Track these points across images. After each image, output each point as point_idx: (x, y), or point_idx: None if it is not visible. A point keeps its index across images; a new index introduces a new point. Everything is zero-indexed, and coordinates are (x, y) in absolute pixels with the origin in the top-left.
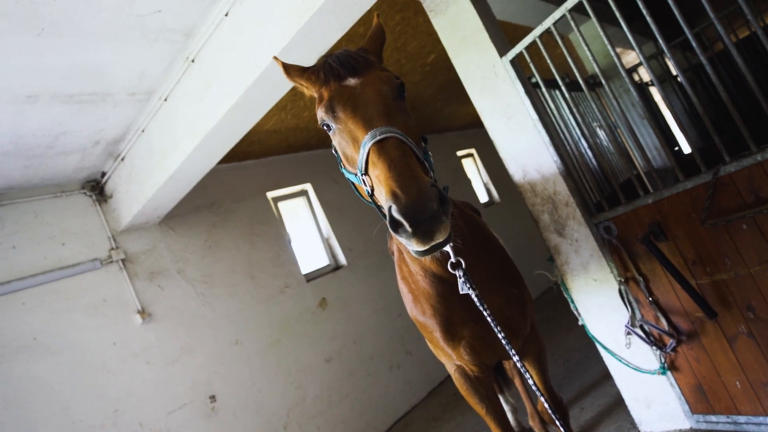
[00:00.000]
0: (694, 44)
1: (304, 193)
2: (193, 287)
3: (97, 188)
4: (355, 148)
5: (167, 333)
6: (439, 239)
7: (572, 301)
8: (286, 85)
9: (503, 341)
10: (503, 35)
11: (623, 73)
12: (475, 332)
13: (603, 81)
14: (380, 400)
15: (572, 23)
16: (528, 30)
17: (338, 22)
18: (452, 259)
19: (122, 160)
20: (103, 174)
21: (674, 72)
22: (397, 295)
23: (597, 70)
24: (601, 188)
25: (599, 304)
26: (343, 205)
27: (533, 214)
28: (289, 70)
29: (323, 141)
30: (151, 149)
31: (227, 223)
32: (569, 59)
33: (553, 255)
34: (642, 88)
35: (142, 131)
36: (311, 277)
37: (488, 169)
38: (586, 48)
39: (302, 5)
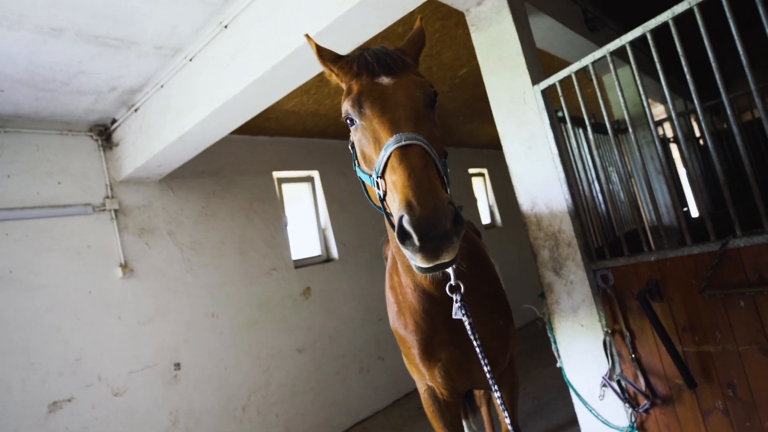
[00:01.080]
0: (728, 111)
1: (309, 179)
2: (180, 251)
3: (104, 134)
4: (375, 149)
5: (145, 292)
6: (445, 259)
7: (555, 342)
8: (314, 69)
9: (488, 375)
10: (539, 64)
11: (651, 126)
12: (453, 357)
13: (630, 129)
14: (343, 400)
15: (611, 65)
16: (563, 62)
17: (379, 17)
18: (452, 282)
19: (135, 110)
20: (114, 121)
21: (697, 133)
22: (382, 298)
23: (626, 116)
24: (606, 234)
25: (581, 350)
26: (346, 199)
27: (534, 247)
28: (323, 53)
29: (339, 132)
30: (166, 106)
31: (227, 194)
32: (600, 101)
33: (545, 292)
34: (664, 143)
35: (161, 86)
36: (300, 264)
37: (496, 192)
38: (620, 93)
39: None
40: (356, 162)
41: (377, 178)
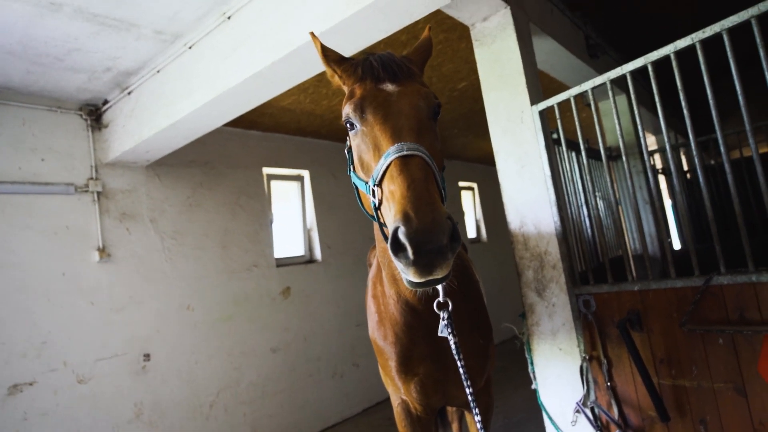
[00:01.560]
0: (722, 148)
1: (299, 178)
2: (161, 240)
3: (94, 114)
4: (374, 156)
5: (121, 278)
6: (438, 275)
7: (531, 363)
8: (314, 68)
9: (469, 397)
10: (539, 84)
11: (645, 156)
12: (430, 372)
13: (624, 157)
14: (314, 404)
15: (610, 93)
16: (561, 85)
17: (385, 22)
18: (440, 298)
19: (129, 93)
20: (105, 102)
21: (685, 166)
22: (361, 304)
23: (621, 144)
24: (591, 258)
25: (557, 374)
26: (334, 201)
27: (519, 266)
28: (327, 53)
29: (333, 133)
30: (161, 92)
31: (215, 186)
32: (597, 127)
33: (527, 313)
34: (654, 174)
35: (158, 72)
36: (282, 263)
37: (484, 207)
38: (616, 121)
39: None
40: (352, 167)
41: (374, 186)
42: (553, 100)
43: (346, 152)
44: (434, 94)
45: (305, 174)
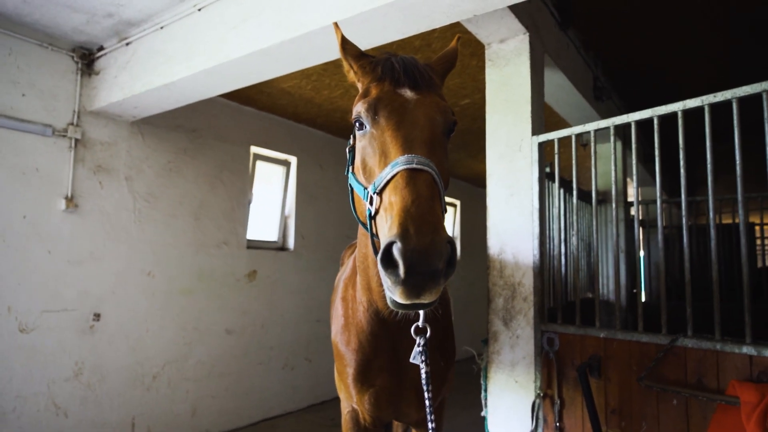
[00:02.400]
0: (710, 213)
1: (286, 163)
2: (133, 200)
3: (86, 58)
4: (380, 162)
5: (84, 232)
6: (425, 300)
7: (485, 390)
8: (323, 56)
9: (429, 422)
10: (543, 116)
11: (636, 206)
12: (387, 385)
13: (614, 205)
14: (259, 392)
15: (612, 138)
16: (560, 120)
17: (404, 24)
18: (420, 323)
19: (127, 44)
20: (100, 48)
21: (664, 223)
22: (325, 300)
23: (613, 191)
24: (562, 296)
25: (509, 405)
26: (317, 192)
27: (490, 292)
28: (347, 46)
29: (329, 125)
30: (161, 49)
31: (198, 155)
32: (594, 169)
33: (489, 340)
34: (638, 225)
35: (161, 28)
36: (253, 245)
37: (463, 225)
38: (613, 167)
39: None
40: (351, 168)
41: (374, 193)
42: (555, 135)
43: (347, 150)
44: (452, 110)
45: (293, 160)
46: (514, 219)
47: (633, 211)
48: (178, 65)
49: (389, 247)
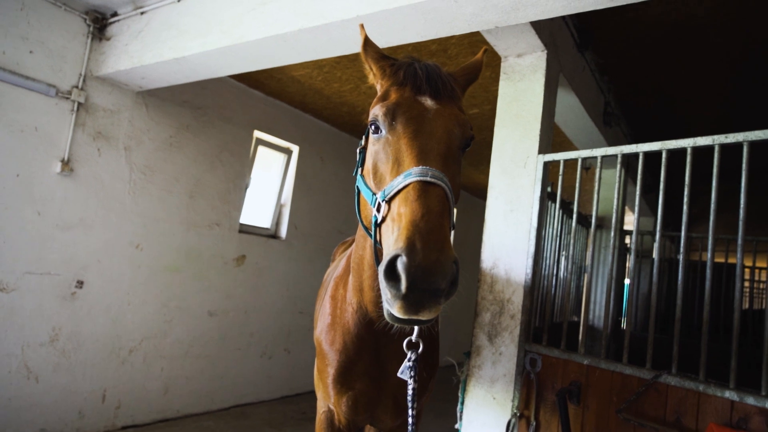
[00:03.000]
0: (709, 254)
1: (287, 152)
2: (129, 170)
3: (99, 22)
4: (392, 170)
5: (77, 197)
6: (423, 317)
7: (462, 403)
8: (339, 49)
9: (410, 427)
10: (551, 135)
11: (634, 236)
12: (366, 390)
13: (613, 233)
14: (234, 378)
15: (618, 166)
16: (565, 140)
17: (424, 27)
18: (413, 338)
19: (141, 13)
20: (114, 14)
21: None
22: (311, 293)
23: (614, 219)
24: (549, 317)
25: (484, 421)
26: (315, 184)
27: (479, 306)
28: (368, 47)
29: (335, 118)
30: (176, 22)
31: (201, 134)
32: (596, 195)
33: (472, 354)
34: (635, 255)
35: (178, 0)
36: (245, 230)
37: (456, 234)
38: (616, 195)
39: None
40: (360, 170)
41: (382, 200)
42: (561, 156)
43: (358, 151)
44: (471, 124)
45: (295, 149)
46: (510, 235)
47: (627, 239)
48: (192, 41)
49: (394, 260)
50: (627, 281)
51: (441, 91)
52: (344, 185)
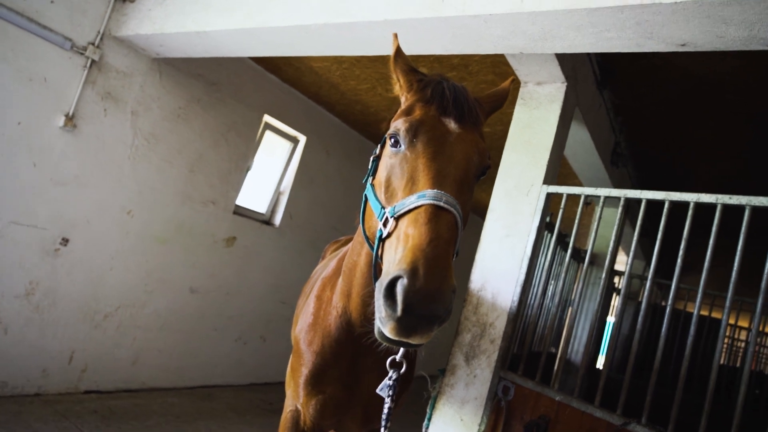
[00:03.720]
0: (696, 309)
1: (294, 140)
2: (133, 135)
3: None
4: (405, 187)
5: (76, 154)
6: (414, 341)
7: (429, 420)
8: (362, 49)
9: None
10: (559, 167)
11: (626, 277)
12: (337, 396)
13: (604, 274)
14: (205, 358)
15: (619, 209)
16: (570, 173)
17: (450, 41)
18: (397, 357)
19: None
20: None
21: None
22: (296, 284)
23: (608, 259)
24: (528, 347)
25: None
26: (317, 177)
27: (460, 325)
28: (401, 57)
29: (346, 115)
30: None
31: (210, 110)
32: (593, 233)
33: (447, 371)
34: (623, 298)
35: None
36: (239, 212)
37: None
38: (614, 237)
39: (440, 3)
40: (371, 179)
41: (391, 216)
42: (566, 190)
43: (371, 159)
44: (489, 153)
45: (302, 139)
46: (503, 260)
47: (616, 279)
48: (216, 17)
49: (394, 281)
50: (610, 319)
51: (466, 115)
52: (346, 182)
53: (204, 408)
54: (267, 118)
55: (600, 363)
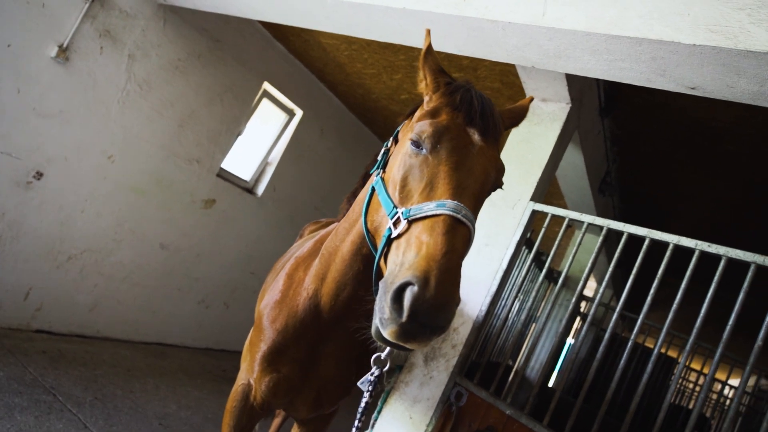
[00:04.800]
0: (658, 346)
1: (291, 113)
2: (126, 79)
3: None
4: (423, 191)
5: (64, 87)
6: (409, 346)
7: (379, 412)
8: (375, 34)
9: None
10: (548, 186)
11: (594, 306)
12: (291, 377)
13: (574, 298)
14: (164, 316)
15: (600, 238)
16: (557, 192)
17: (464, 42)
18: (383, 355)
19: None
20: None
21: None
22: (268, 257)
23: (581, 284)
24: (488, 357)
25: None
26: (307, 153)
27: None
28: (431, 54)
29: (347, 96)
30: None
31: (210, 67)
32: (571, 257)
33: (404, 368)
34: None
35: None
36: (222, 176)
37: None
38: (590, 265)
39: (463, 2)
40: (382, 171)
41: (405, 218)
42: (551, 210)
43: (381, 151)
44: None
45: (298, 113)
46: (478, 268)
47: (582, 303)
48: None
49: (403, 286)
50: (569, 341)
51: (490, 129)
52: (335, 163)
53: (156, 365)
54: (266, 86)
55: (551, 381)
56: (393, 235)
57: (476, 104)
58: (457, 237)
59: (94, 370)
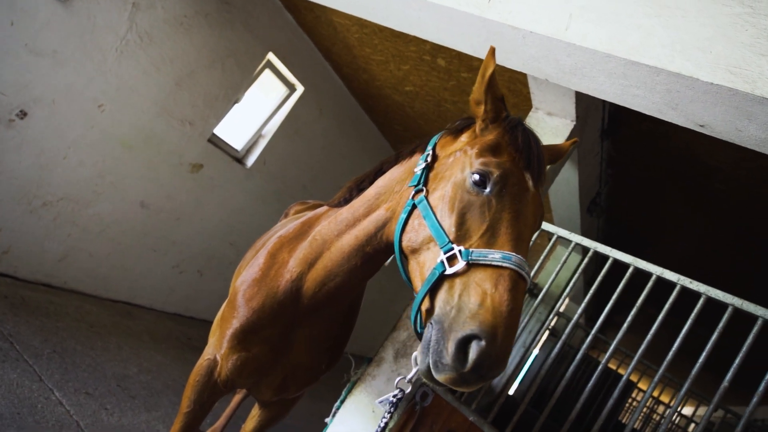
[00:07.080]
0: (628, 372)
1: (292, 87)
2: (128, 28)
3: None
4: (483, 235)
5: (60, 28)
6: (452, 387)
7: (342, 402)
8: (392, 21)
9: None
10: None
11: (569, 327)
12: (260, 358)
13: (551, 316)
14: (135, 276)
15: (586, 259)
16: (548, 209)
17: (481, 44)
18: (408, 377)
19: None
20: None
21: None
22: (251, 231)
23: (560, 302)
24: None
25: (354, 428)
26: (303, 131)
27: (400, 321)
28: (494, 81)
29: (350, 78)
30: None
31: (217, 29)
32: (554, 275)
33: (373, 362)
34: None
35: None
36: (214, 142)
37: None
38: (571, 283)
39: (486, 4)
40: (425, 190)
41: (464, 259)
42: (542, 225)
43: (421, 167)
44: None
45: (299, 89)
46: None
47: (554, 320)
48: None
49: (469, 338)
50: (535, 352)
51: (540, 174)
52: (331, 146)
53: (121, 324)
54: (270, 57)
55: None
56: (447, 272)
57: (534, 148)
58: (519, 293)
59: (56, 322)
